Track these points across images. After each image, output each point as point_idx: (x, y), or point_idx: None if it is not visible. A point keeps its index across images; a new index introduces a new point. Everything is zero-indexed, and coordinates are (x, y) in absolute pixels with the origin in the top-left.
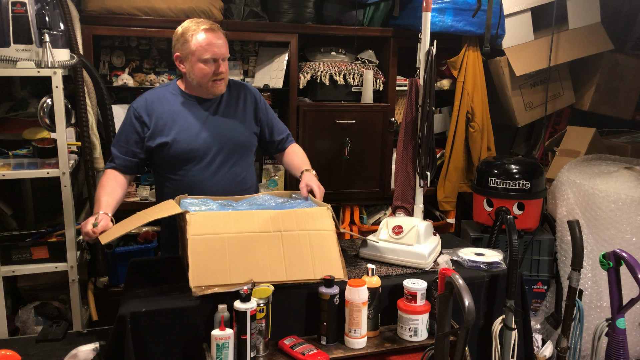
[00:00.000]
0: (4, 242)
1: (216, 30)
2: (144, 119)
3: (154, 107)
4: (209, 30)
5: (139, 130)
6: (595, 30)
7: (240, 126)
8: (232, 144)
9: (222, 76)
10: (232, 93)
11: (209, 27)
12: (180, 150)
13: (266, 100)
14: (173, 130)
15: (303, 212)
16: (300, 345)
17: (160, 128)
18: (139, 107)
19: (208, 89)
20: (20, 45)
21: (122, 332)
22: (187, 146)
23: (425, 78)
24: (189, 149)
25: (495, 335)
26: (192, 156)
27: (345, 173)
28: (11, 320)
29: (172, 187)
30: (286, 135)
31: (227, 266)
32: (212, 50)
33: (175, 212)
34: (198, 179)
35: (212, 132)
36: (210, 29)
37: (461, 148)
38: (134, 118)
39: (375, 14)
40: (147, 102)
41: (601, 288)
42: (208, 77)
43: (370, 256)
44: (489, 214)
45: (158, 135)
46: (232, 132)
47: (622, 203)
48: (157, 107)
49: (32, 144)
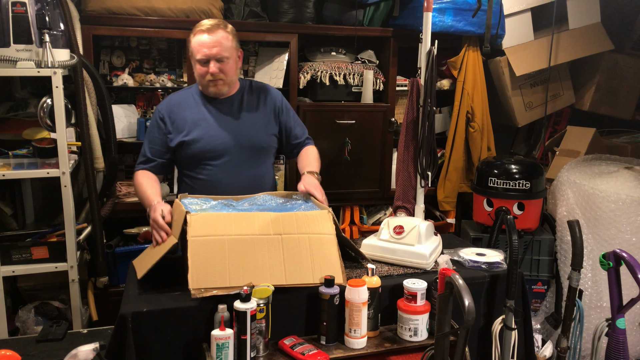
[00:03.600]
0: (4, 242)
1: (214, 30)
2: (166, 119)
3: (176, 109)
4: (206, 31)
5: (163, 131)
6: (595, 30)
7: (259, 128)
8: (251, 145)
9: (218, 77)
10: (253, 94)
11: (207, 28)
12: (198, 150)
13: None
14: (192, 131)
15: (304, 215)
16: (300, 345)
17: (180, 128)
18: (162, 109)
19: (206, 89)
20: (20, 45)
21: (123, 331)
22: (205, 145)
23: (427, 78)
24: (206, 148)
25: (495, 335)
26: (210, 155)
27: (345, 173)
28: (11, 320)
29: (190, 185)
30: (303, 140)
31: (227, 268)
32: (201, 50)
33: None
34: (215, 178)
35: (231, 132)
36: (207, 29)
37: (461, 148)
38: (158, 119)
39: (375, 14)
40: (170, 104)
41: (601, 288)
42: (203, 78)
43: (371, 256)
44: (489, 214)
45: (178, 135)
46: (250, 134)
47: (622, 203)
48: (178, 109)
49: (32, 144)
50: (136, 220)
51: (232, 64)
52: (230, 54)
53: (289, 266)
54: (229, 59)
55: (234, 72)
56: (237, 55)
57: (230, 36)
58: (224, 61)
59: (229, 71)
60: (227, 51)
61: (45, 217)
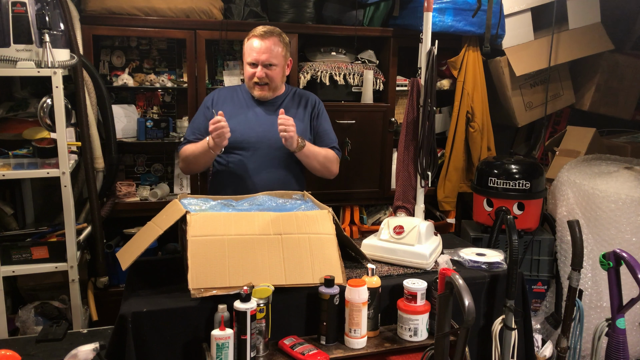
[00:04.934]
0: (4, 242)
1: (268, 37)
2: (211, 108)
3: (221, 100)
4: (259, 36)
5: (207, 117)
6: (595, 30)
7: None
8: (283, 145)
9: (263, 81)
10: (294, 99)
11: (260, 33)
12: (231, 139)
13: None
14: (230, 120)
15: (304, 215)
16: (300, 345)
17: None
18: (210, 98)
19: (251, 90)
20: (20, 45)
21: (123, 331)
22: (238, 136)
23: (427, 78)
24: (240, 139)
25: (495, 335)
26: (242, 146)
27: (345, 173)
28: (11, 320)
29: (219, 169)
30: (330, 147)
31: (227, 268)
32: (252, 54)
33: (181, 215)
34: (244, 169)
35: (266, 130)
36: (261, 35)
37: (461, 148)
38: (205, 107)
39: (375, 14)
40: (218, 95)
41: (601, 288)
42: (250, 80)
43: (371, 256)
44: (489, 214)
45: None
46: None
47: (622, 203)
48: (223, 100)
49: (32, 144)
50: (136, 220)
51: (278, 71)
52: (279, 62)
53: (288, 266)
54: (276, 66)
55: (280, 78)
56: (285, 63)
57: (282, 45)
58: (271, 68)
59: (275, 77)
60: (276, 58)
61: (45, 217)
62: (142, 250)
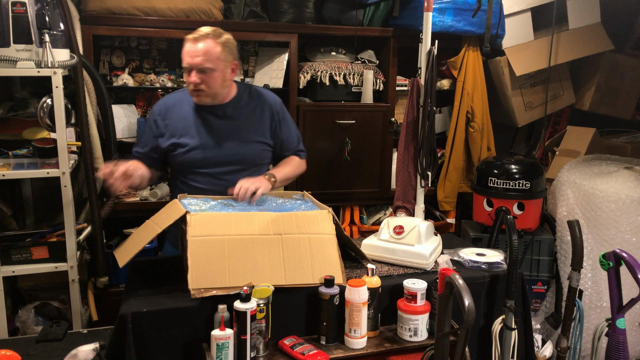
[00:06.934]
0: (4, 242)
1: (202, 39)
2: (159, 122)
3: (169, 112)
4: (192, 40)
5: (155, 132)
6: (595, 30)
7: (253, 140)
8: (242, 158)
9: (197, 87)
10: (251, 102)
11: (194, 36)
12: (189, 159)
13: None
14: (183, 137)
15: (304, 215)
16: (300, 345)
17: (173, 132)
18: (156, 111)
19: (192, 95)
20: (20, 45)
21: (123, 331)
22: (194, 155)
23: (427, 78)
24: (197, 158)
25: (495, 335)
26: (201, 164)
27: (345, 173)
28: (11, 320)
29: (182, 189)
30: (293, 152)
31: (227, 269)
32: (185, 59)
33: (181, 214)
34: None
35: (223, 144)
36: (195, 38)
37: (461, 148)
38: (152, 120)
39: (375, 14)
40: (165, 105)
41: (601, 288)
42: (187, 85)
43: (371, 256)
44: (489, 214)
45: (169, 139)
46: (244, 147)
47: (622, 203)
48: (172, 112)
49: (32, 144)
50: (136, 220)
51: (216, 76)
52: (216, 66)
53: (288, 266)
54: (213, 70)
55: (220, 84)
56: (225, 67)
57: (220, 47)
58: (206, 72)
59: (212, 82)
60: (213, 62)
61: (45, 217)
62: (140, 249)
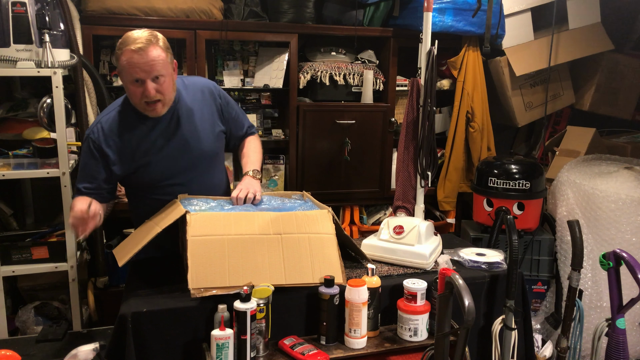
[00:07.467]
0: (4, 242)
1: (146, 47)
2: (106, 150)
3: (113, 137)
4: (136, 51)
5: (103, 162)
6: (595, 30)
7: (207, 134)
8: (202, 157)
9: (155, 98)
10: (195, 96)
11: (138, 47)
12: (150, 177)
13: (266, 100)
14: (145, 156)
15: (303, 215)
16: (300, 345)
17: (129, 156)
18: (96, 140)
19: (144, 111)
20: (20, 45)
21: (123, 331)
22: (155, 170)
23: (427, 78)
24: (159, 171)
25: (495, 335)
26: (165, 176)
27: (345, 173)
28: (11, 320)
29: (151, 206)
30: (245, 130)
31: (227, 268)
32: (134, 71)
33: (181, 214)
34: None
35: (181, 149)
36: (139, 49)
37: (461, 148)
38: (94, 150)
39: (375, 14)
40: (104, 131)
41: (601, 288)
42: (139, 99)
43: (371, 256)
44: (489, 214)
45: (125, 164)
46: (201, 146)
47: (622, 203)
48: (116, 136)
49: (32, 144)
50: None
51: (169, 82)
52: (167, 71)
53: (288, 266)
54: (165, 76)
55: (172, 89)
56: (172, 69)
57: (163, 50)
58: (160, 80)
59: (166, 89)
60: (164, 68)
61: (45, 217)
62: (139, 248)
